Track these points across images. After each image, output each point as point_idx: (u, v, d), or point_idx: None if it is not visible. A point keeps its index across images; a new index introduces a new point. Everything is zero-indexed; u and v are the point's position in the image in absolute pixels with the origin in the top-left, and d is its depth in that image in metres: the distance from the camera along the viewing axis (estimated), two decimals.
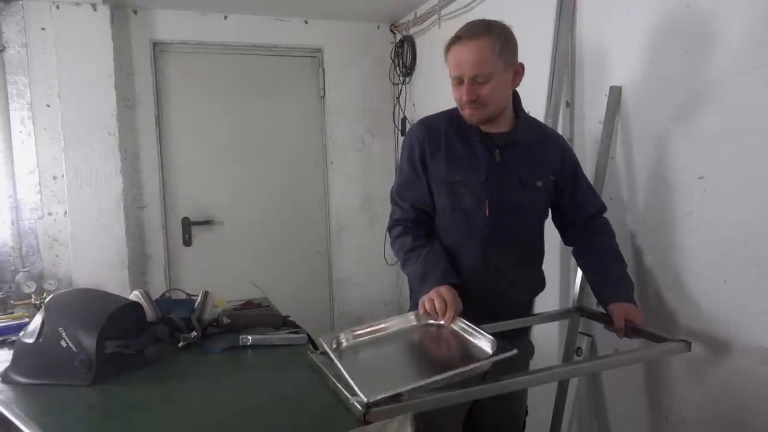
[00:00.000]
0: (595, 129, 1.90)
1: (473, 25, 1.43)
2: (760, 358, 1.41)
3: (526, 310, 1.64)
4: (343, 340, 1.31)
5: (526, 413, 1.72)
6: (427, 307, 1.36)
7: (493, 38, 1.40)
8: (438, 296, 1.35)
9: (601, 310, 1.56)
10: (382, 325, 1.38)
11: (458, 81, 1.43)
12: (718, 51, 1.48)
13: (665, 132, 1.65)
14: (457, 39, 1.41)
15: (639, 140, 1.76)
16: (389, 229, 1.59)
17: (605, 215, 1.66)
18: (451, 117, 1.55)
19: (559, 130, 2.07)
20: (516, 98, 1.55)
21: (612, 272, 1.55)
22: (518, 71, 1.48)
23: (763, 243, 1.38)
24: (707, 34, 1.51)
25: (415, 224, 1.53)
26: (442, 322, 1.34)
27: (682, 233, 1.61)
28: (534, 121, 1.63)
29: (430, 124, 1.57)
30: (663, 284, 1.68)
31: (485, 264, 1.49)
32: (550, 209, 1.64)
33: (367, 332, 1.36)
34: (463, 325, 1.31)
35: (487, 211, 1.48)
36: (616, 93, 1.82)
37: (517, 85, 1.51)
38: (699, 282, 1.57)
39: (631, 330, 1.44)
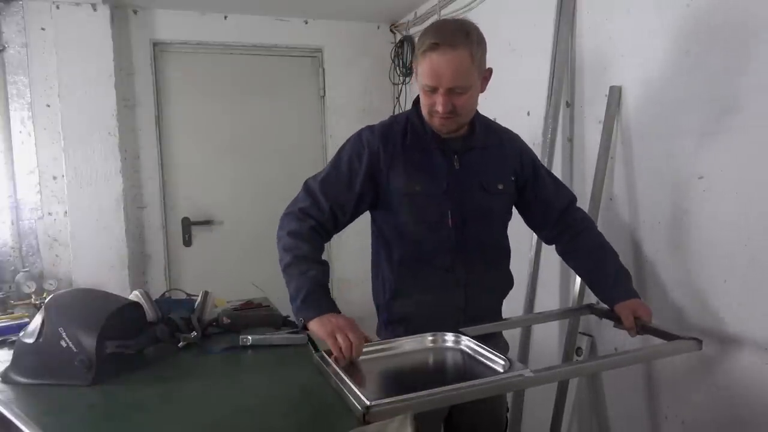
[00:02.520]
0: (595, 129, 1.90)
1: (450, 31, 1.31)
2: (760, 358, 1.41)
3: (498, 312, 1.60)
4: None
5: (507, 410, 1.69)
6: (340, 340, 1.21)
7: (472, 47, 1.31)
8: (349, 328, 1.22)
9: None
10: (388, 345, 1.36)
11: (431, 90, 1.34)
12: (718, 51, 1.48)
13: (665, 132, 1.65)
14: (434, 46, 1.29)
15: (639, 140, 1.76)
16: (288, 213, 1.43)
17: (577, 204, 1.61)
18: (406, 124, 1.46)
19: (559, 130, 2.08)
20: None
21: (606, 268, 1.52)
22: (487, 77, 1.40)
23: (763, 243, 1.39)
24: (707, 34, 1.51)
25: (321, 231, 1.42)
26: (339, 362, 1.20)
27: (682, 233, 1.61)
28: (488, 122, 1.56)
29: (385, 132, 1.46)
30: (662, 284, 1.68)
31: (454, 275, 1.45)
32: (518, 212, 1.60)
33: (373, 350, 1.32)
34: (473, 346, 1.29)
35: (450, 221, 1.43)
36: (616, 93, 1.82)
37: (484, 90, 1.42)
38: (699, 282, 1.57)
39: (641, 328, 1.42)
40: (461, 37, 1.30)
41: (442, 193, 1.43)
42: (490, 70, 1.41)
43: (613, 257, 1.54)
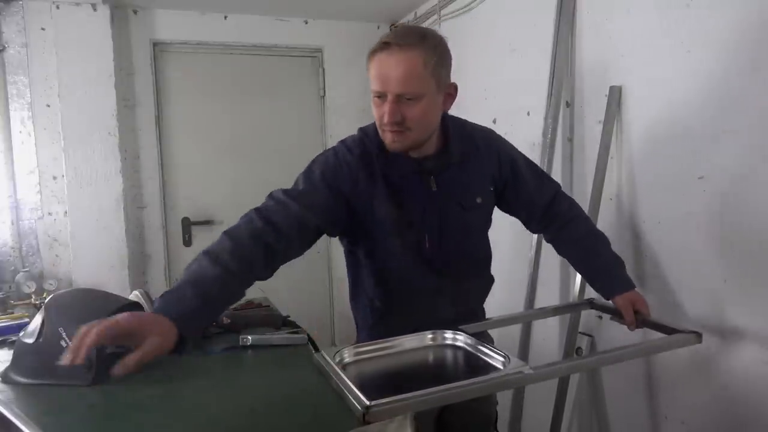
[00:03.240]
0: (595, 129, 1.90)
1: (405, 33, 1.23)
2: (760, 359, 1.41)
3: (481, 311, 1.60)
4: (346, 355, 1.29)
5: (496, 403, 1.68)
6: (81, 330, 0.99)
7: (427, 51, 1.19)
8: (95, 335, 0.98)
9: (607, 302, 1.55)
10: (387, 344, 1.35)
11: (380, 96, 1.22)
12: (718, 51, 1.48)
13: (665, 132, 1.66)
14: (384, 46, 1.20)
15: (639, 140, 1.76)
16: (250, 215, 1.27)
17: (562, 192, 1.57)
18: (380, 143, 1.33)
19: (559, 130, 2.08)
20: (443, 115, 1.36)
21: (600, 258, 1.50)
22: (451, 93, 1.30)
23: (763, 243, 1.39)
24: (707, 34, 1.51)
25: (266, 242, 1.20)
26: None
27: (682, 233, 1.61)
28: (461, 127, 1.44)
29: (362, 152, 1.35)
30: (662, 284, 1.68)
31: (437, 289, 1.43)
32: (503, 212, 1.57)
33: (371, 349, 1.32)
34: (472, 343, 1.29)
35: (427, 243, 1.38)
36: (616, 93, 1.82)
37: (448, 108, 1.33)
38: (699, 282, 1.57)
39: (641, 321, 1.42)
40: (414, 39, 1.20)
41: (418, 217, 1.37)
42: (454, 86, 1.30)
43: (603, 245, 1.52)
